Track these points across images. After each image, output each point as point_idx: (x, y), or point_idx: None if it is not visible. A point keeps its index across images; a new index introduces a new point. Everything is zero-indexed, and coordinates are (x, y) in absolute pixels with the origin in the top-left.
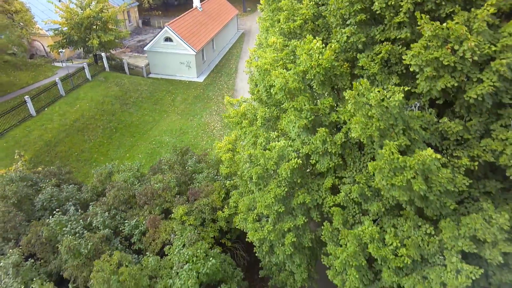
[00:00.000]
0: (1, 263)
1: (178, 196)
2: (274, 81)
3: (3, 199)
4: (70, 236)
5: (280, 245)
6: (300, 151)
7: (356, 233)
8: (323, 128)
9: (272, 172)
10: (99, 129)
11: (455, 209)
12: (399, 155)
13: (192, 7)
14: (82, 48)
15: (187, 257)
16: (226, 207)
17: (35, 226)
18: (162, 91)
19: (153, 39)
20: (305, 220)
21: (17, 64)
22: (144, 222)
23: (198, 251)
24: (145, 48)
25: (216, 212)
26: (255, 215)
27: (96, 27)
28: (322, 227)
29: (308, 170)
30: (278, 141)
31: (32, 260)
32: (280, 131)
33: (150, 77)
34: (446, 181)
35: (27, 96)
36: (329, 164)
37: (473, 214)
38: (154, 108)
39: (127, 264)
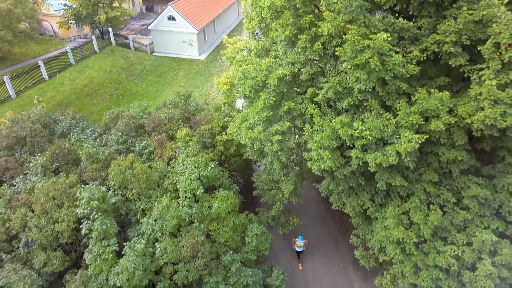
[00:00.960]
0: (31, 164)
1: (182, 125)
2: (264, 3)
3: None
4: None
5: (269, 144)
6: (285, 60)
7: (330, 124)
8: (303, 35)
9: (262, 85)
10: (106, 94)
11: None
12: (359, 37)
13: None
14: (90, 24)
15: (190, 163)
16: (224, 133)
17: (58, 142)
18: (165, 66)
19: (156, 18)
20: (290, 125)
21: (30, 35)
22: (152, 144)
23: (200, 159)
24: (149, 27)
25: (215, 138)
26: (248, 124)
27: (103, 4)
28: (304, 128)
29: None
30: None
31: (57, 164)
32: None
33: (153, 55)
34: (398, 64)
35: (40, 61)
36: (309, 72)
37: (419, 89)
38: (157, 80)
39: (139, 163)
